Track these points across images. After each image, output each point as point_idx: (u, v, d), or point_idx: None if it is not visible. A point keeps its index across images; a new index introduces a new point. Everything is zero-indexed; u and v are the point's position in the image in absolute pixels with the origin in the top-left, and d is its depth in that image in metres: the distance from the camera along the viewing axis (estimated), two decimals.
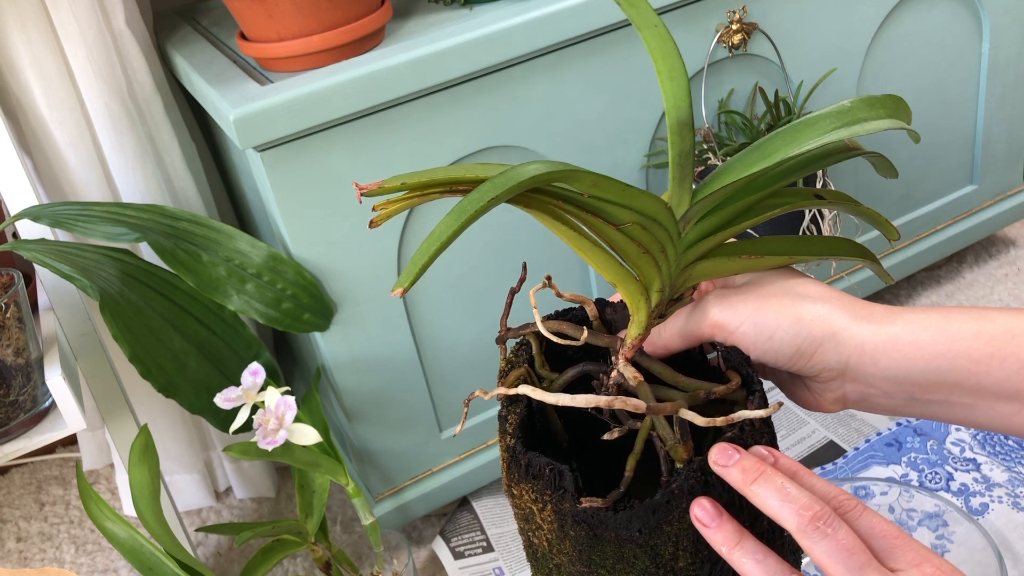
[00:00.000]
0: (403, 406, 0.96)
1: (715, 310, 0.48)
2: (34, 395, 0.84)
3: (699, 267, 0.47)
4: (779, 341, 0.46)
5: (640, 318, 0.46)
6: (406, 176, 0.38)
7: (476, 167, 0.39)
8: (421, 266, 0.35)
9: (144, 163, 0.95)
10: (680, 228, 0.44)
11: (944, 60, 1.13)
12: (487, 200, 0.35)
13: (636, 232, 0.42)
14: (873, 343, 0.45)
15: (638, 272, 0.44)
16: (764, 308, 0.47)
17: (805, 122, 0.46)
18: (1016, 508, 0.90)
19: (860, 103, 0.46)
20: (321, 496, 0.85)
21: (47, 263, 0.76)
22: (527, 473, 0.46)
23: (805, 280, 0.49)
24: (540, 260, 0.96)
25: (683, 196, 0.44)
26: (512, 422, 0.48)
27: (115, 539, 0.78)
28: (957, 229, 1.24)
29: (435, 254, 0.35)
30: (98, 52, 0.90)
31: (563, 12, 0.84)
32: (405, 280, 0.35)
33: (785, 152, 0.45)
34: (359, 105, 0.80)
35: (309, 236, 0.84)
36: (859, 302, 0.47)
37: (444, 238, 0.35)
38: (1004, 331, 0.44)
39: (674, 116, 0.42)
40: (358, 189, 0.37)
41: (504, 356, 0.53)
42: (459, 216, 0.35)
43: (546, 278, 0.52)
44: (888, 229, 0.51)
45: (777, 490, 0.41)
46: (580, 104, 0.91)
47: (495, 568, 1.00)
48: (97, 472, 1.27)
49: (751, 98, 1.01)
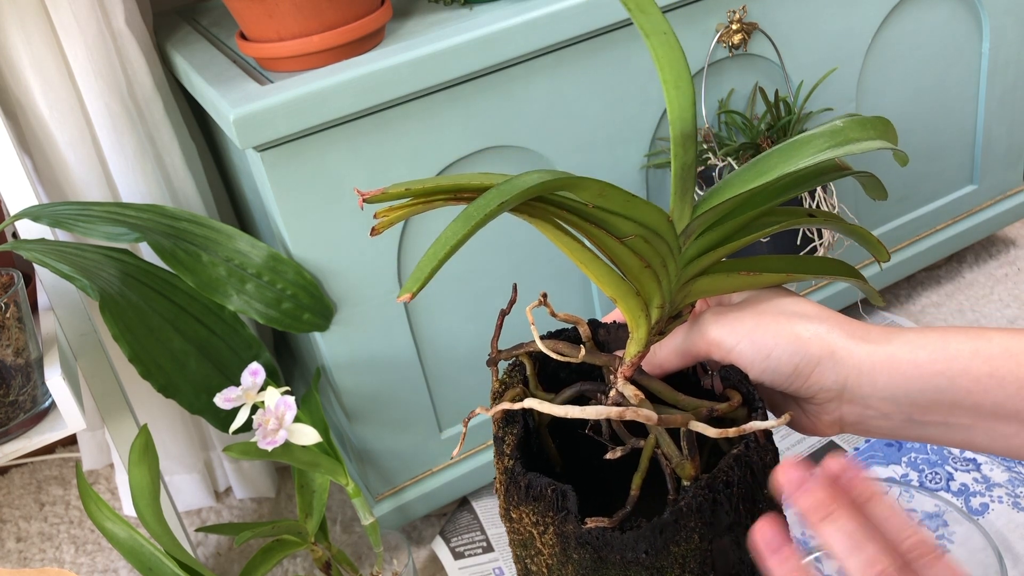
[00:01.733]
0: (403, 406, 0.96)
1: (713, 328, 0.47)
2: (34, 395, 0.84)
3: (698, 284, 0.47)
4: (777, 360, 0.46)
5: (640, 335, 0.46)
6: (409, 183, 0.38)
7: (480, 175, 0.39)
8: (429, 272, 0.35)
9: (144, 163, 0.95)
10: (681, 243, 0.44)
11: (944, 60, 1.13)
12: (495, 206, 0.35)
13: (638, 245, 0.41)
14: (871, 362, 0.45)
15: (639, 287, 0.44)
16: (761, 326, 0.47)
17: (800, 141, 0.47)
18: (1016, 508, 0.90)
19: (852, 124, 0.48)
20: (321, 496, 0.85)
21: (47, 263, 0.76)
22: (527, 495, 0.45)
23: (801, 300, 0.49)
24: (540, 261, 0.96)
25: (684, 209, 0.44)
26: (509, 443, 0.47)
27: (115, 539, 0.78)
28: (957, 229, 1.24)
29: (443, 260, 0.35)
30: (98, 52, 0.90)
31: (563, 12, 0.84)
32: (412, 286, 0.35)
33: (782, 169, 0.46)
34: (359, 105, 0.80)
35: (309, 236, 0.84)
36: (855, 323, 0.47)
37: (451, 244, 0.35)
38: (1002, 350, 0.44)
39: (678, 128, 0.42)
40: (359, 196, 0.36)
41: (496, 378, 0.52)
42: (466, 222, 0.35)
43: (541, 296, 0.52)
44: (879, 250, 0.52)
45: (846, 536, 0.38)
46: (580, 104, 0.91)
47: (495, 568, 1.00)
48: (97, 472, 1.27)
49: (751, 98, 1.01)
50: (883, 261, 0.53)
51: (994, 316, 1.23)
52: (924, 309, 1.27)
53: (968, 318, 1.24)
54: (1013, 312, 1.24)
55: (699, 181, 0.94)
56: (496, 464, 0.48)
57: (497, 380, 0.52)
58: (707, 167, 0.94)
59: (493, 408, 0.48)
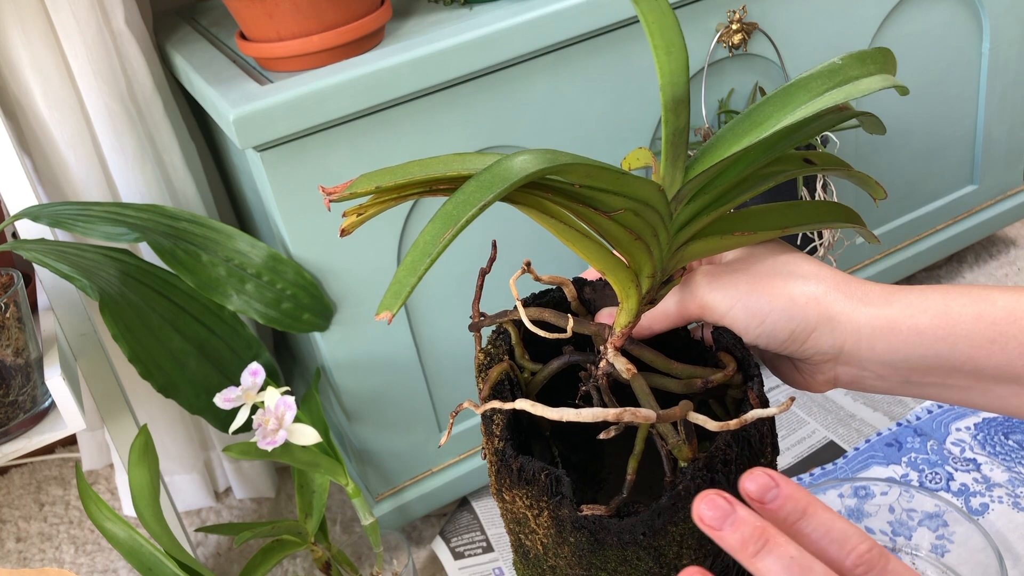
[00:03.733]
0: (403, 406, 0.96)
1: (704, 291, 0.45)
2: (34, 395, 0.84)
3: (691, 248, 0.45)
4: (772, 325, 0.44)
5: (630, 305, 0.44)
6: (378, 175, 0.35)
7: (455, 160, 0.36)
8: (409, 287, 0.32)
9: (144, 163, 0.95)
10: (672, 208, 0.41)
11: (944, 60, 1.13)
12: (477, 207, 0.32)
13: (628, 219, 0.39)
14: (870, 328, 0.43)
15: (628, 259, 0.42)
16: (756, 290, 0.45)
17: (797, 84, 0.44)
18: (1016, 508, 0.90)
19: (851, 59, 0.45)
20: (321, 496, 0.85)
21: (47, 263, 0.76)
22: (520, 478, 0.44)
23: (797, 256, 0.47)
24: (541, 254, 0.96)
25: (676, 175, 0.41)
26: (499, 423, 0.46)
27: (115, 539, 0.78)
28: (957, 229, 1.24)
29: (423, 271, 0.32)
30: (98, 52, 0.90)
31: (563, 12, 0.84)
32: (392, 304, 0.32)
33: (778, 119, 0.43)
34: (359, 105, 0.80)
35: (309, 236, 0.84)
36: (853, 281, 0.45)
37: (433, 253, 0.32)
38: (1006, 314, 0.42)
39: (669, 93, 0.39)
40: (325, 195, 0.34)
41: (479, 346, 0.49)
42: (445, 224, 0.32)
43: (525, 264, 0.50)
44: (876, 189, 0.49)
45: (784, 568, 0.34)
46: (580, 104, 0.91)
47: (495, 568, 1.00)
48: (97, 472, 1.27)
49: (751, 98, 1.01)
50: (879, 198, 0.50)
51: None
52: None
53: None
54: None
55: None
56: (485, 444, 0.46)
57: (480, 350, 0.49)
58: None
59: (482, 406, 0.46)
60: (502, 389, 0.47)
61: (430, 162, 0.35)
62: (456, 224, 0.32)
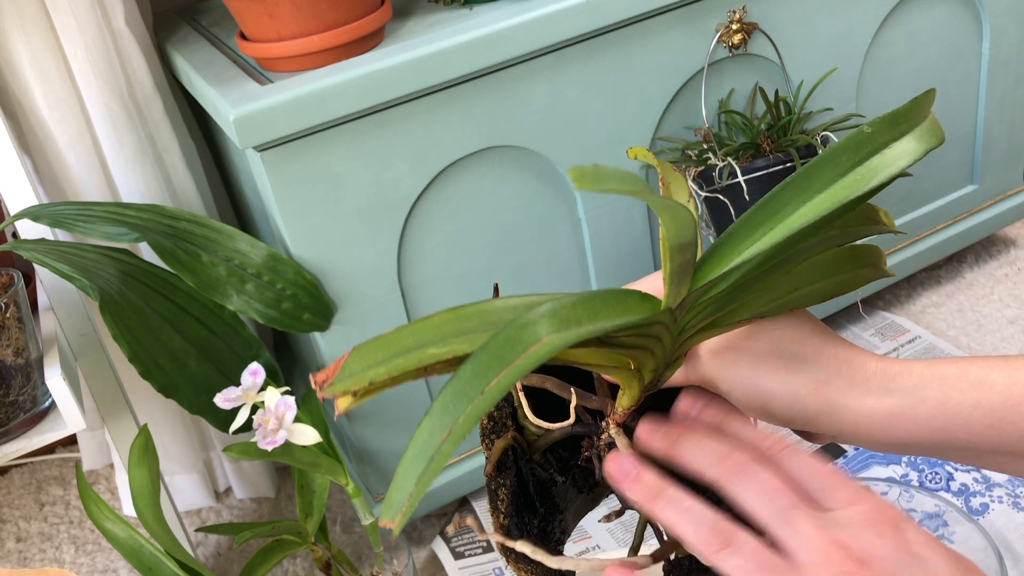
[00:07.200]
0: (403, 406, 0.96)
1: (707, 367, 0.46)
2: (34, 395, 0.84)
3: (697, 337, 0.43)
4: (772, 411, 0.45)
5: (632, 393, 0.43)
6: (372, 369, 0.31)
7: (449, 329, 0.32)
8: (414, 496, 0.30)
9: (144, 163, 0.95)
10: (677, 315, 0.39)
11: (944, 60, 1.13)
12: (488, 402, 0.29)
13: (631, 340, 0.38)
14: (869, 420, 0.44)
15: (632, 362, 0.41)
16: (757, 374, 0.45)
17: (820, 161, 0.38)
18: (1016, 508, 0.90)
19: (881, 124, 0.39)
20: (321, 496, 0.85)
21: (47, 263, 0.76)
22: (521, 556, 0.44)
23: (802, 330, 0.46)
24: (540, 259, 0.96)
25: (681, 290, 0.38)
26: (503, 498, 0.45)
27: (115, 539, 0.78)
28: (957, 229, 1.24)
29: (429, 480, 0.30)
30: (98, 52, 0.90)
31: (563, 12, 0.84)
32: (393, 514, 0.30)
33: (795, 206, 0.38)
34: (359, 105, 0.80)
35: (309, 236, 0.84)
36: (856, 364, 0.45)
37: (440, 458, 0.29)
38: (1004, 400, 0.43)
39: (675, 241, 0.35)
40: (316, 387, 0.31)
41: None
42: (444, 419, 0.29)
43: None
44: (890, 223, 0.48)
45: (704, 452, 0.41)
46: (580, 104, 0.91)
47: (495, 568, 1.00)
48: (97, 472, 1.27)
49: (751, 98, 1.01)
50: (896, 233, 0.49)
51: (994, 316, 1.23)
52: (924, 309, 1.27)
53: (968, 318, 1.24)
54: (1013, 312, 1.24)
55: (700, 182, 0.94)
56: (490, 509, 0.46)
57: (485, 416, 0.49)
58: (707, 167, 0.94)
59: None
60: (507, 461, 0.47)
61: (421, 343, 0.32)
62: (458, 429, 0.29)
